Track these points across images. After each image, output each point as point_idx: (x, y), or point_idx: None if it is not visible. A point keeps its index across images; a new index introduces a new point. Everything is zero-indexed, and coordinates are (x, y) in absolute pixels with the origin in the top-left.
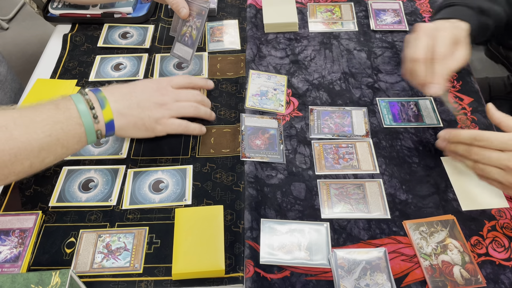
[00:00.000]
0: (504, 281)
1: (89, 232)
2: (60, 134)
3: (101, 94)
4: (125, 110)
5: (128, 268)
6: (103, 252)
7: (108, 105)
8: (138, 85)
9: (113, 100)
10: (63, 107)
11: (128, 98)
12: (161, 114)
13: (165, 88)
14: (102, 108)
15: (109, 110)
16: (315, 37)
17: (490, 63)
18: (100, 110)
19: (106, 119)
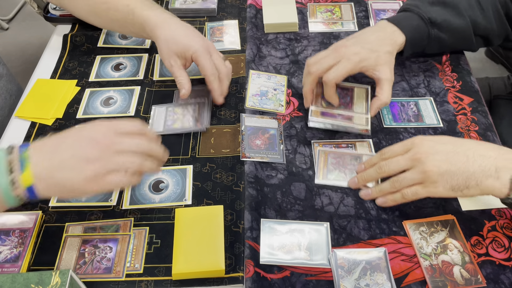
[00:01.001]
0: (504, 281)
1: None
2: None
3: (25, 153)
4: (47, 173)
5: (128, 268)
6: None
7: (28, 168)
8: (70, 136)
9: (36, 161)
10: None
11: (52, 157)
12: (91, 173)
13: (103, 137)
14: (21, 171)
15: (28, 174)
16: (315, 37)
17: (490, 63)
18: (19, 175)
19: (25, 184)
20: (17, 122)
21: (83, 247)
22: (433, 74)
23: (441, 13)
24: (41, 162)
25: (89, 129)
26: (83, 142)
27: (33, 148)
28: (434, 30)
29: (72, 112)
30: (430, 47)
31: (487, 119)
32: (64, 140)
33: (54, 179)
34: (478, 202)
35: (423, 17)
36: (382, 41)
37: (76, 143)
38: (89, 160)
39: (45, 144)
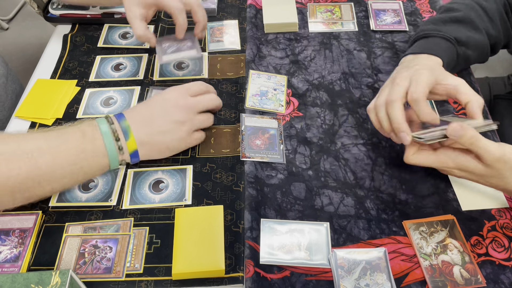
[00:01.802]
0: (504, 281)
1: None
2: (84, 163)
3: (125, 122)
4: (148, 138)
5: (128, 268)
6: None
7: (132, 136)
8: (157, 105)
9: (135, 128)
10: (90, 136)
11: (149, 124)
12: (184, 133)
13: (184, 101)
14: (126, 139)
15: (133, 140)
16: (315, 37)
17: (490, 63)
18: (125, 142)
19: (130, 150)
20: (17, 122)
21: (83, 247)
22: None
23: (462, 31)
24: (141, 129)
25: (170, 96)
26: (170, 108)
27: (129, 118)
28: (462, 48)
29: (72, 112)
30: (458, 66)
31: (487, 119)
32: (153, 108)
33: (154, 143)
34: (478, 202)
35: (449, 38)
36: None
37: (164, 109)
38: (179, 122)
39: (138, 113)
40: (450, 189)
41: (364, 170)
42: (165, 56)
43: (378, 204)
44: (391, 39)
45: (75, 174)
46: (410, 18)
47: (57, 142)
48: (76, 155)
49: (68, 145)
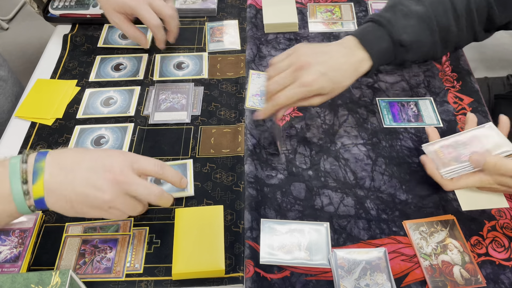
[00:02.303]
0: (504, 281)
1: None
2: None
3: (41, 164)
4: (58, 187)
5: (128, 268)
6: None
7: (41, 180)
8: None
9: (49, 174)
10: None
11: (66, 174)
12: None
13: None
14: (33, 182)
15: (40, 186)
16: (315, 37)
17: (490, 63)
18: (31, 185)
19: (35, 196)
20: (17, 122)
21: (83, 247)
22: (433, 74)
23: (412, 31)
24: (55, 177)
25: (109, 157)
26: (99, 170)
27: (50, 159)
28: (401, 52)
29: (72, 112)
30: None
31: (487, 119)
32: (82, 159)
33: (63, 197)
34: (478, 202)
35: (394, 39)
36: (347, 72)
37: (92, 168)
38: (99, 190)
39: (63, 157)
40: None
41: (364, 170)
42: (157, 113)
43: (378, 204)
44: None
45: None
46: None
47: None
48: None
49: None
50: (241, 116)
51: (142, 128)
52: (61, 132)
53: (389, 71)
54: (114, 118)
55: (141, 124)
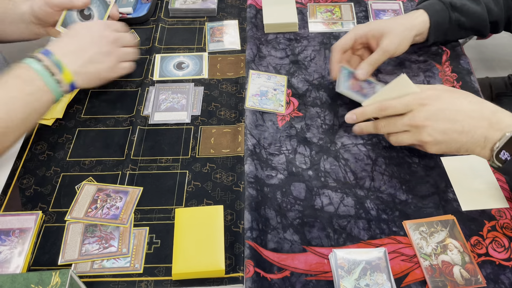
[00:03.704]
0: (504, 281)
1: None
2: (35, 104)
3: (54, 58)
4: (81, 68)
5: (128, 268)
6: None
7: (65, 69)
8: (84, 37)
9: (67, 62)
10: (28, 79)
11: (80, 55)
12: (112, 63)
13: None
14: (61, 72)
15: (68, 73)
16: (315, 37)
17: (490, 63)
18: (60, 75)
19: (67, 81)
20: None
21: (97, 194)
22: (433, 74)
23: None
24: (74, 62)
25: (95, 28)
26: (97, 40)
27: (57, 53)
28: (455, 13)
29: (72, 112)
30: (452, 32)
31: None
32: (80, 39)
33: (88, 72)
34: (478, 202)
35: (444, 1)
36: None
37: (93, 41)
38: (106, 53)
39: (66, 46)
40: (450, 189)
41: (364, 170)
42: (157, 113)
43: (378, 204)
44: None
45: (31, 116)
46: None
47: (4, 94)
48: (25, 100)
49: (14, 92)
50: (241, 116)
51: (142, 128)
52: (61, 132)
53: (389, 71)
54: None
55: (141, 124)
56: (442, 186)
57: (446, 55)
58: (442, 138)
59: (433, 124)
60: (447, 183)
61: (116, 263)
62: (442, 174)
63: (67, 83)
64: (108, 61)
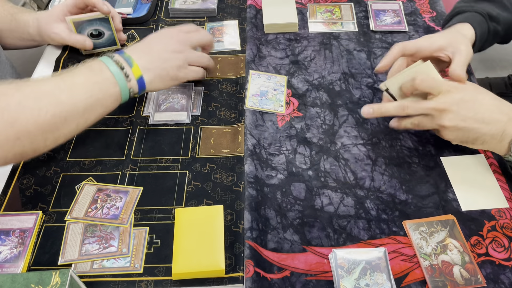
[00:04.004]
0: (504, 281)
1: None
2: (99, 95)
3: (125, 54)
4: (150, 64)
5: (128, 268)
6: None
7: (135, 63)
8: (153, 38)
9: (136, 58)
10: (97, 69)
11: (148, 52)
12: (181, 62)
13: (178, 34)
14: (131, 66)
15: (136, 67)
16: (315, 38)
17: (490, 63)
18: (130, 69)
19: (136, 76)
20: None
21: (97, 194)
22: None
23: (492, 8)
24: (142, 58)
25: (164, 31)
26: (165, 39)
27: (128, 51)
28: (493, 24)
29: None
30: (488, 42)
31: None
32: (150, 41)
33: (156, 69)
34: (478, 202)
35: (482, 13)
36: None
37: (161, 41)
38: (175, 51)
39: (136, 47)
40: (450, 189)
41: (364, 170)
42: (157, 113)
43: (378, 204)
44: (391, 40)
45: (94, 106)
46: (410, 18)
47: (71, 79)
48: (90, 87)
49: (81, 79)
50: (241, 116)
51: (142, 128)
52: None
53: (389, 72)
54: None
55: (141, 124)
56: (442, 186)
57: None
58: (463, 125)
59: (456, 110)
60: (447, 183)
61: (116, 263)
62: (442, 174)
63: (135, 77)
64: (177, 60)
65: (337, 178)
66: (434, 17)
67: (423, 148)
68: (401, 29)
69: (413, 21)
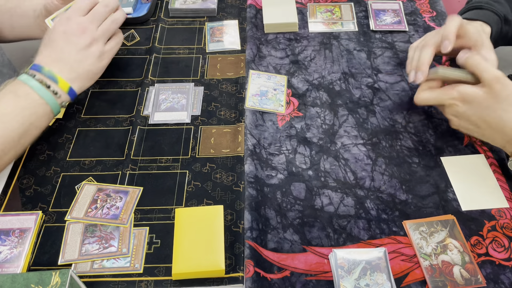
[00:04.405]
0: (504, 281)
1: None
2: (31, 119)
3: (45, 69)
4: (72, 73)
5: (128, 268)
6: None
7: (59, 78)
8: (59, 40)
9: (57, 70)
10: (22, 94)
11: (64, 60)
12: (98, 52)
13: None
14: (56, 82)
15: (62, 81)
16: (315, 37)
17: None
18: (56, 85)
19: (65, 90)
20: None
21: (97, 194)
22: None
23: (508, 11)
24: (63, 68)
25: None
26: (72, 37)
27: (44, 63)
28: (506, 27)
29: (72, 112)
30: (497, 43)
31: None
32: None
33: (80, 74)
34: (478, 202)
35: (499, 14)
36: None
37: (68, 39)
38: (89, 45)
39: (49, 56)
40: (450, 189)
41: (364, 170)
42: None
43: (378, 204)
44: (391, 39)
45: (28, 131)
46: (410, 18)
47: None
48: (21, 115)
49: (9, 108)
50: (241, 116)
51: (142, 128)
52: (61, 132)
53: (389, 71)
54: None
55: (141, 124)
56: (442, 186)
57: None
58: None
59: (460, 121)
60: (447, 183)
61: (116, 263)
62: (442, 174)
63: (65, 91)
64: (92, 54)
65: (337, 178)
66: (434, 17)
67: (423, 148)
68: (401, 29)
69: (413, 21)
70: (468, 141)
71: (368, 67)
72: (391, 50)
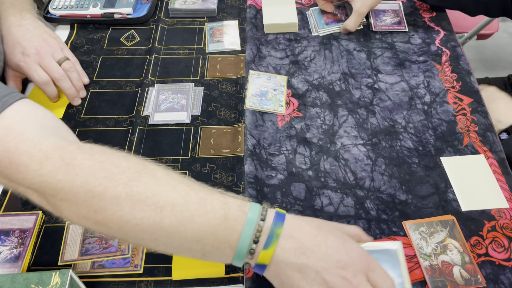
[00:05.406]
0: (504, 281)
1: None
2: (208, 247)
3: (277, 230)
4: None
5: (128, 268)
6: None
7: (272, 248)
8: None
9: (281, 246)
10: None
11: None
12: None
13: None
14: (264, 248)
15: (269, 254)
16: (315, 38)
17: (490, 63)
18: (260, 249)
19: (259, 261)
20: None
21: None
22: (433, 75)
23: None
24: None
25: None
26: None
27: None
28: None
29: (72, 112)
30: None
31: (487, 119)
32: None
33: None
34: (478, 202)
35: None
36: None
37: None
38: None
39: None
40: (450, 189)
41: (364, 170)
42: (157, 113)
43: (378, 204)
44: (391, 40)
45: (192, 251)
46: (410, 19)
47: (193, 210)
48: (204, 234)
49: (201, 219)
50: (241, 116)
51: (142, 128)
52: None
53: (389, 72)
54: None
55: (141, 124)
56: (442, 186)
57: (446, 55)
58: None
59: None
60: (447, 183)
61: (116, 263)
62: (442, 174)
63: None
64: None
65: (337, 178)
66: (434, 17)
67: (423, 148)
68: (401, 29)
69: (413, 21)
70: (468, 141)
71: (368, 67)
72: (391, 51)
